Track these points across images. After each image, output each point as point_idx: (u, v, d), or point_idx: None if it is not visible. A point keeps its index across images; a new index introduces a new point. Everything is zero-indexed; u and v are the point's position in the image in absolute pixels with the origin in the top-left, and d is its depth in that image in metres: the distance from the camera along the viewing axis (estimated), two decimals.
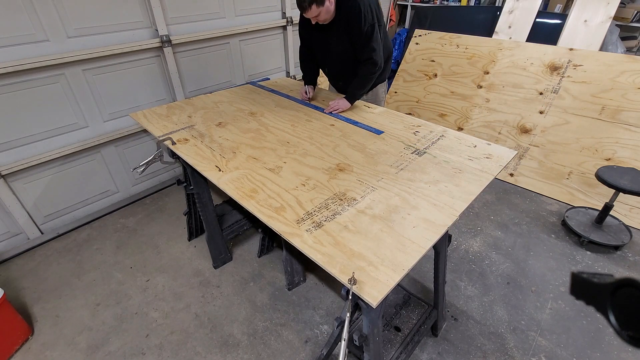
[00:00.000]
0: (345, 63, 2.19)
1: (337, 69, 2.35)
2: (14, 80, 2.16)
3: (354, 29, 1.98)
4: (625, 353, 1.78)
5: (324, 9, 1.89)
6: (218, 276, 2.28)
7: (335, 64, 2.30)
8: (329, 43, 2.15)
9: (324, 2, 1.86)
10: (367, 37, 1.98)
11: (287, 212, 1.27)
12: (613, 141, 2.75)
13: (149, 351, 1.84)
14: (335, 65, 2.32)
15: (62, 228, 2.66)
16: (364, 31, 1.96)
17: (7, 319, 1.80)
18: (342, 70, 2.30)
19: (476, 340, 1.86)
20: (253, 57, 3.45)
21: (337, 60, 2.24)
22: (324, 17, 1.95)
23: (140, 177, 3.06)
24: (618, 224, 2.52)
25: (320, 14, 1.91)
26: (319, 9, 1.87)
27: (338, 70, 2.34)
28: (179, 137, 1.83)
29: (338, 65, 2.28)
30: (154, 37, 2.68)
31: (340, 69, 2.30)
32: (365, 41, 1.99)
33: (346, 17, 1.97)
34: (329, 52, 2.22)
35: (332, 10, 1.94)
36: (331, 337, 1.51)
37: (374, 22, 1.97)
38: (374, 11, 1.99)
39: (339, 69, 2.31)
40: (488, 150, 1.65)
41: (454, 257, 2.37)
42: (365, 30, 1.96)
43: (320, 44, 2.23)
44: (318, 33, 2.14)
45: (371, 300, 0.93)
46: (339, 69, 2.32)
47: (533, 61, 3.17)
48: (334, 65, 2.33)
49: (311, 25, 2.07)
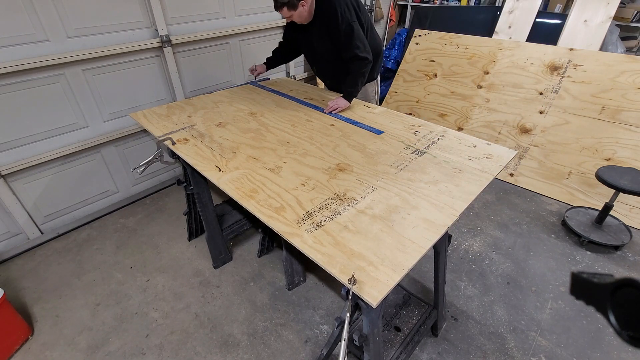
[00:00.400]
0: (330, 62, 2.25)
1: (323, 68, 2.42)
2: (14, 80, 2.16)
3: (332, 30, 2.01)
4: (625, 353, 1.78)
5: (297, 13, 1.95)
6: (218, 276, 2.28)
7: (320, 63, 2.37)
8: (312, 44, 2.20)
9: (297, 7, 1.92)
10: (347, 35, 2.00)
11: (287, 212, 1.27)
12: (613, 141, 2.75)
13: (149, 351, 1.84)
14: (321, 65, 2.39)
15: (62, 228, 2.66)
16: (343, 30, 1.99)
17: (7, 319, 1.80)
18: (327, 69, 2.37)
19: (476, 340, 1.86)
20: (253, 57, 3.44)
21: (321, 60, 2.31)
22: (298, 19, 2.01)
23: (140, 177, 3.06)
24: (618, 224, 2.52)
25: (293, 16, 1.97)
26: (291, 12, 1.94)
27: (324, 69, 2.41)
28: (179, 137, 1.83)
29: (323, 64, 2.36)
30: (154, 37, 2.68)
31: (326, 67, 2.38)
32: (346, 40, 2.02)
33: (324, 18, 2.01)
34: (313, 52, 2.30)
35: (305, 15, 1.99)
36: (331, 337, 1.51)
37: (352, 20, 1.99)
38: (351, 9, 2.01)
39: (325, 67, 2.38)
40: (488, 150, 1.65)
41: (454, 257, 2.37)
42: (343, 29, 1.99)
43: (304, 45, 2.30)
44: (301, 34, 2.21)
45: (371, 300, 0.93)
46: (325, 68, 2.39)
47: (533, 61, 3.17)
48: (319, 64, 2.40)
49: (296, 25, 2.12)
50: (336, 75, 2.30)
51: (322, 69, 2.43)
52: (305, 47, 2.31)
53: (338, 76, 2.27)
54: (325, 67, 2.37)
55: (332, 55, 2.16)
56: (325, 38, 2.09)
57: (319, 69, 2.45)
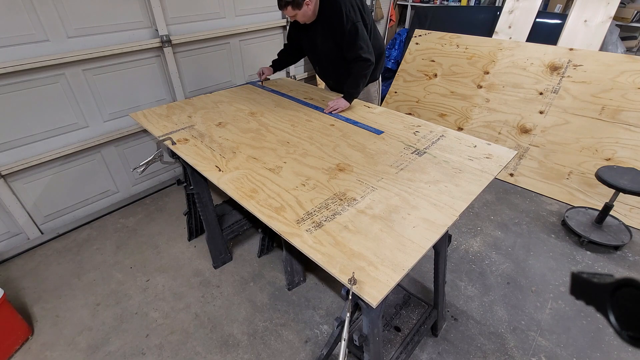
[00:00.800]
0: (333, 62, 2.24)
1: (325, 68, 2.41)
2: (14, 80, 2.16)
3: (336, 29, 2.01)
4: (625, 353, 1.78)
5: (301, 12, 1.94)
6: (218, 276, 2.28)
7: (323, 64, 2.36)
8: (315, 43, 2.19)
9: (301, 6, 1.91)
10: (352, 35, 2.00)
11: (287, 212, 1.27)
12: (613, 141, 2.75)
13: (149, 351, 1.84)
14: (323, 65, 2.37)
15: (62, 228, 2.66)
16: (347, 30, 1.98)
17: (7, 319, 1.80)
18: (330, 70, 2.36)
19: (476, 340, 1.86)
20: (253, 57, 3.45)
21: (324, 60, 2.30)
22: (302, 19, 2.00)
23: (140, 177, 3.07)
24: (618, 224, 2.52)
25: (297, 16, 1.96)
26: (295, 11, 1.93)
27: (326, 69, 2.40)
28: (179, 137, 1.83)
29: (325, 64, 2.34)
30: (154, 37, 2.68)
31: (328, 68, 2.36)
32: (350, 40, 2.01)
33: (328, 18, 2.00)
34: (316, 52, 2.28)
35: (309, 14, 1.98)
36: (331, 337, 1.51)
37: (357, 21, 1.99)
38: (356, 10, 2.01)
39: (327, 68, 2.37)
40: (488, 150, 1.65)
41: (454, 257, 2.37)
42: (348, 29, 1.98)
43: (307, 44, 2.28)
44: (305, 33, 2.20)
45: (371, 300, 0.93)
46: (327, 68, 2.38)
47: (533, 61, 3.17)
48: (321, 64, 2.38)
49: (299, 25, 2.11)
50: (338, 75, 2.30)
51: (324, 69, 2.42)
52: (308, 47, 2.30)
53: (340, 76, 2.26)
54: (327, 67, 2.36)
55: (335, 55, 2.15)
56: (328, 38, 2.08)
57: (321, 69, 2.44)
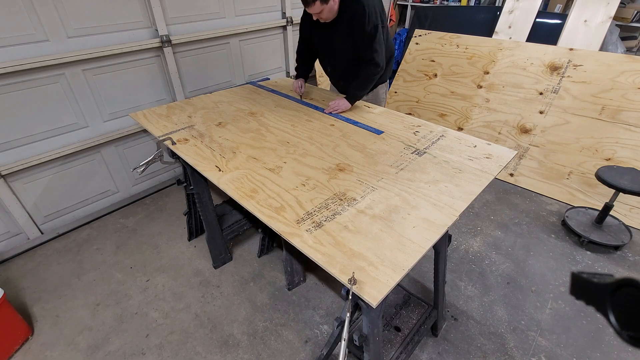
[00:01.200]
0: (349, 63, 2.18)
1: (340, 69, 2.33)
2: (14, 80, 2.16)
3: (357, 29, 1.97)
4: (625, 353, 1.78)
5: (327, 7, 1.89)
6: (218, 276, 2.28)
7: (339, 64, 2.29)
8: (332, 42, 2.14)
9: (329, 0, 1.86)
10: (371, 37, 1.98)
11: (287, 212, 1.27)
12: (613, 141, 2.75)
13: (149, 351, 1.84)
14: (339, 65, 2.31)
15: (62, 228, 2.66)
16: (368, 32, 1.96)
17: (7, 319, 1.80)
18: (345, 70, 2.28)
19: (476, 340, 1.86)
20: (253, 57, 3.45)
21: (341, 60, 2.23)
22: (327, 15, 1.94)
23: (140, 177, 3.06)
24: (618, 224, 2.52)
25: (323, 12, 1.90)
26: (322, 6, 1.87)
27: (341, 70, 2.32)
28: (179, 137, 1.83)
29: (341, 64, 2.27)
30: (154, 37, 2.68)
31: (343, 68, 2.29)
32: (368, 42, 1.99)
33: (350, 17, 1.96)
34: (332, 52, 2.22)
35: (335, 9, 1.94)
36: (331, 337, 1.51)
37: (377, 23, 1.97)
38: (377, 12, 1.99)
39: (342, 68, 2.29)
40: (488, 150, 1.65)
41: (454, 257, 2.37)
42: (369, 31, 1.95)
43: (323, 43, 2.22)
44: (321, 32, 2.13)
45: (371, 300, 0.93)
46: (342, 69, 2.30)
47: (533, 61, 3.17)
48: (337, 64, 2.32)
49: (314, 24, 2.06)
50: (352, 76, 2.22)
51: (338, 69, 2.35)
52: (324, 46, 2.23)
53: (349, 78, 2.20)
54: (342, 66, 2.29)
55: (350, 55, 2.11)
56: (347, 37, 2.04)
57: (334, 69, 2.38)
